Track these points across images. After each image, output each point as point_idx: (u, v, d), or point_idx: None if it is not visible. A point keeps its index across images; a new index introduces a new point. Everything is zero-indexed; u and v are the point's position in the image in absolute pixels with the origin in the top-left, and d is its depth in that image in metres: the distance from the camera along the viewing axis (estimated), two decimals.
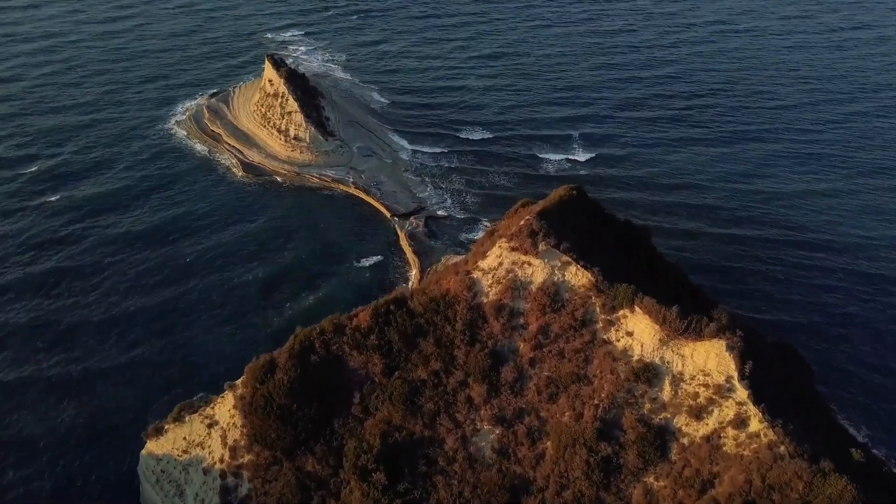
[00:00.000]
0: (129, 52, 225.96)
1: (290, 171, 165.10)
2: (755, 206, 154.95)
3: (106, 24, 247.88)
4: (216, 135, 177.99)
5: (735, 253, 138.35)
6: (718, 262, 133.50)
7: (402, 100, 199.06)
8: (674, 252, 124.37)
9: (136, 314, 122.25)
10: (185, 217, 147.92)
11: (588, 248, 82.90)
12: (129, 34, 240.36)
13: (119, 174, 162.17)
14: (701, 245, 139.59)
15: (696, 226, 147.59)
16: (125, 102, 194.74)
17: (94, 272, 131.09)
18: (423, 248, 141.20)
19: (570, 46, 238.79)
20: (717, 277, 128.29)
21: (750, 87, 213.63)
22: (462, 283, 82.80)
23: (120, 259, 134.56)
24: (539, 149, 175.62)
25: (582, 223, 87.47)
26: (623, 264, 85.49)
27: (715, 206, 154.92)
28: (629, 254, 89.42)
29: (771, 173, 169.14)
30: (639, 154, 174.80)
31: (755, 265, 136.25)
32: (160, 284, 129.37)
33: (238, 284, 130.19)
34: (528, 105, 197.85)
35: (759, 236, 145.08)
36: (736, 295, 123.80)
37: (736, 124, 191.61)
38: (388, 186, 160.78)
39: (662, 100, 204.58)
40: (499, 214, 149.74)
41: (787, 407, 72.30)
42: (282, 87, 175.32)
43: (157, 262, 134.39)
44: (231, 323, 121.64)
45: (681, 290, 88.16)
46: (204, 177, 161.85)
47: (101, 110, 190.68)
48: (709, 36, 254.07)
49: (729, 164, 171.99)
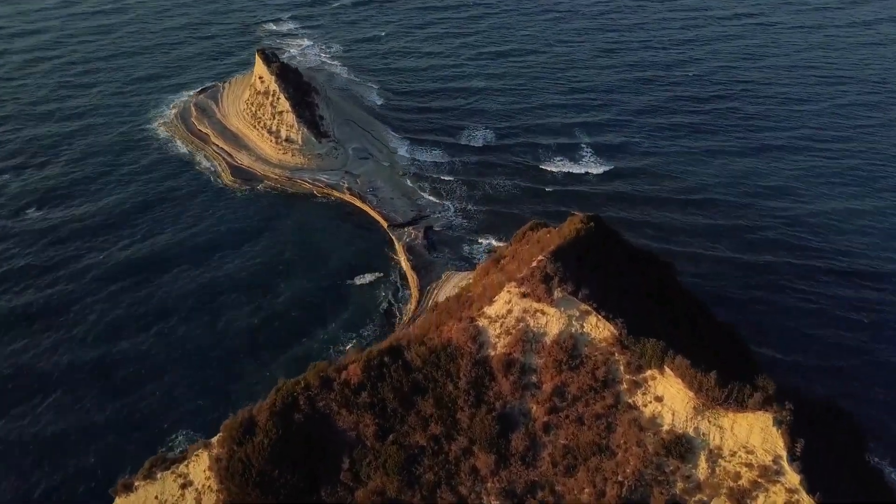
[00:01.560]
0: (114, 44, 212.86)
1: (281, 175, 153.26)
2: (782, 227, 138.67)
3: (91, 15, 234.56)
4: (204, 135, 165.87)
5: (762, 282, 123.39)
6: (741, 293, 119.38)
7: (402, 97, 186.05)
8: (693, 280, 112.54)
9: (107, 350, 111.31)
10: (165, 231, 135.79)
11: (610, 293, 71.79)
12: (114, 24, 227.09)
13: (96, 182, 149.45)
14: (722, 271, 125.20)
15: (716, 249, 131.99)
16: (106, 98, 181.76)
17: (62, 309, 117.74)
18: (422, 263, 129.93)
19: (584, 43, 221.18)
20: (740, 310, 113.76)
21: (775, 88, 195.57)
22: (466, 332, 71.79)
23: (92, 290, 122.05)
24: (547, 153, 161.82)
25: (602, 261, 76.18)
26: (649, 309, 74.37)
27: (738, 226, 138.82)
28: (655, 295, 78.23)
29: (800, 187, 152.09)
30: (654, 165, 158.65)
31: (782, 296, 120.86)
32: (135, 305, 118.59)
33: (221, 307, 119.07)
34: (535, 106, 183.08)
35: (787, 262, 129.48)
36: (761, 331, 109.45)
37: (760, 130, 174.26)
38: (384, 192, 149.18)
39: (679, 102, 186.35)
40: (503, 226, 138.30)
41: (845, 489, 61.81)
42: (273, 84, 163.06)
43: (135, 286, 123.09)
44: (212, 352, 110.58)
45: (716, 340, 77.05)
46: (189, 183, 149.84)
47: (80, 107, 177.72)
48: (733, 31, 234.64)
49: (754, 178, 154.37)
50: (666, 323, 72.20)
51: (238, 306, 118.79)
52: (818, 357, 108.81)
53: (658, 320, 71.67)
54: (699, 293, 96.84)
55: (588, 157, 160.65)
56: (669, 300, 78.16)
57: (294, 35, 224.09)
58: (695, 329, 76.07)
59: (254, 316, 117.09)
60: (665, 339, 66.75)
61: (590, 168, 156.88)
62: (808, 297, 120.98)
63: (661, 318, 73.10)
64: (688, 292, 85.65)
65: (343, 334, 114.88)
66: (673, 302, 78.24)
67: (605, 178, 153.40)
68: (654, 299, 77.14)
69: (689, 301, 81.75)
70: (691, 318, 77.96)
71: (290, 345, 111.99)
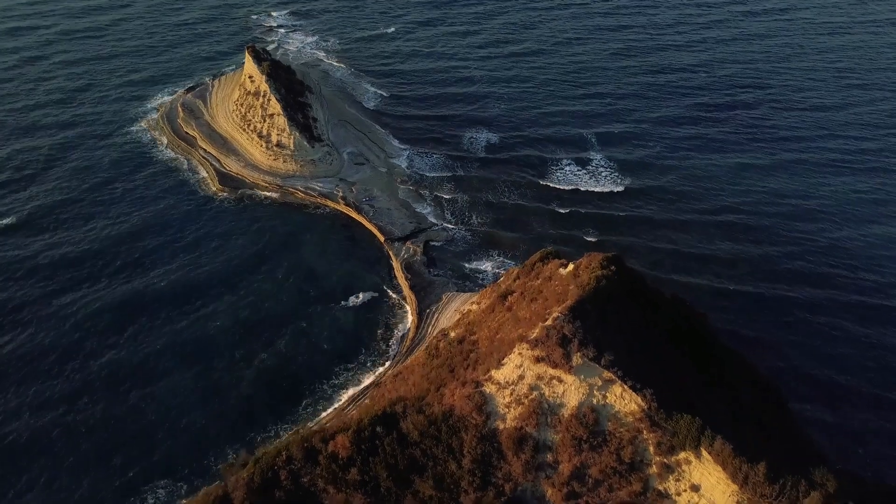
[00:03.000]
0: (98, 37, 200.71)
1: (271, 183, 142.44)
2: (819, 256, 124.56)
3: (75, 8, 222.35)
4: (190, 138, 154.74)
5: (800, 322, 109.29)
6: (778, 334, 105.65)
7: (400, 96, 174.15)
8: (723, 318, 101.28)
9: (83, 374, 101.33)
10: (146, 245, 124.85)
11: (636, 356, 61.77)
12: (99, 17, 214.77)
13: (71, 190, 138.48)
14: (755, 309, 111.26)
15: (746, 283, 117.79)
16: (89, 96, 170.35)
17: (31, 325, 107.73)
18: (421, 283, 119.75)
19: (598, 43, 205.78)
20: (778, 355, 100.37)
21: (806, 94, 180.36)
22: (470, 400, 61.88)
23: (66, 307, 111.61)
24: (556, 165, 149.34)
25: (626, 316, 65.92)
26: (682, 373, 64.25)
27: (770, 255, 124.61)
28: (688, 354, 67.98)
29: (833, 208, 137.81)
30: (674, 183, 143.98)
31: (825, 342, 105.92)
32: (111, 329, 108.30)
33: (205, 330, 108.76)
34: (545, 112, 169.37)
35: (828, 298, 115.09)
36: (803, 381, 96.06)
37: (789, 141, 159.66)
38: (381, 202, 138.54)
39: (701, 110, 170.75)
40: (508, 243, 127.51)
41: None
42: (263, 84, 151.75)
43: (112, 305, 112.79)
44: (196, 382, 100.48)
45: (760, 409, 66.90)
46: (174, 192, 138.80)
47: (60, 106, 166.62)
48: (759, 29, 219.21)
49: (784, 199, 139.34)
50: (702, 390, 62.13)
51: (222, 333, 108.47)
52: (874, 414, 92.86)
53: (693, 388, 61.65)
54: (732, 337, 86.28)
55: (601, 171, 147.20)
56: (705, 359, 67.98)
57: (289, 28, 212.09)
58: (736, 397, 66.01)
59: (239, 345, 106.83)
60: (702, 413, 56.85)
61: (604, 185, 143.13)
62: (855, 341, 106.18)
63: (697, 385, 63.04)
64: (726, 348, 74.95)
65: (336, 365, 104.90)
66: (709, 362, 68.07)
67: (621, 197, 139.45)
68: (688, 359, 66.93)
69: (727, 359, 71.40)
70: (731, 382, 67.69)
71: (278, 377, 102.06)
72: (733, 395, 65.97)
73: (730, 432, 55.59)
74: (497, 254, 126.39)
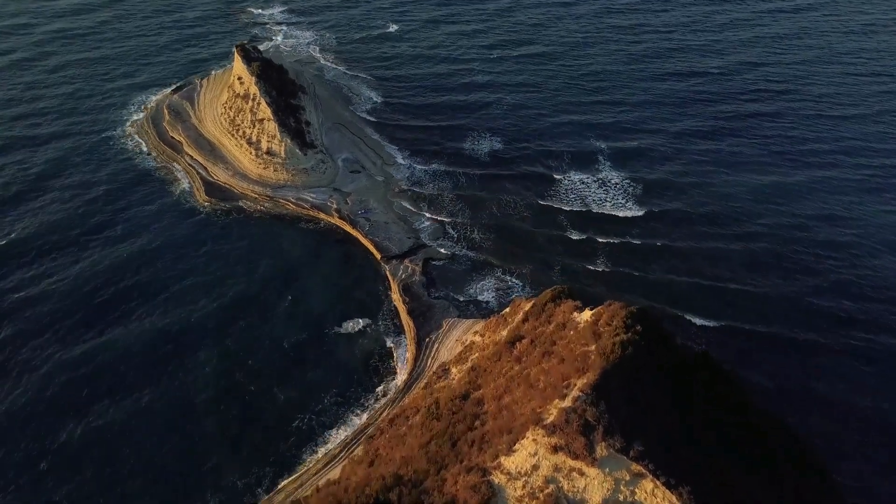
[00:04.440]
0: (84, 33, 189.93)
1: (261, 194, 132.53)
2: (851, 292, 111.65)
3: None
4: (176, 143, 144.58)
5: (836, 371, 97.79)
6: (803, 386, 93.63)
7: (400, 98, 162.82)
8: (741, 363, 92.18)
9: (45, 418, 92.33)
10: (123, 266, 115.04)
11: (669, 441, 52.64)
12: (84, 9, 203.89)
13: (47, 202, 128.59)
14: (779, 353, 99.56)
15: (786, 328, 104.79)
16: (70, 97, 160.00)
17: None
18: (420, 307, 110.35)
19: (610, 43, 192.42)
20: (828, 416, 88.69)
21: (827, 88, 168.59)
22: (476, 492, 52.66)
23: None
24: (562, 170, 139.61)
25: (655, 392, 56.54)
26: (721, 460, 54.98)
27: (794, 292, 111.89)
28: (726, 434, 58.63)
29: (862, 221, 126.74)
30: (697, 205, 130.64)
31: (861, 398, 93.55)
32: (81, 360, 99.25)
33: (185, 362, 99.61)
34: (553, 114, 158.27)
35: (857, 342, 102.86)
36: (837, 444, 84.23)
37: (816, 143, 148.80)
38: (378, 215, 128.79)
39: (723, 120, 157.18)
40: (513, 263, 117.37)
41: None
42: (253, 86, 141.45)
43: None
44: (174, 432, 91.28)
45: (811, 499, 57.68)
46: (157, 204, 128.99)
47: (37, 106, 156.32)
48: (777, 27, 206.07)
49: (827, 224, 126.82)
50: (746, 482, 52.94)
51: (204, 364, 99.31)
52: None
53: (736, 479, 52.39)
54: (765, 393, 76.55)
55: (613, 188, 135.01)
56: (749, 441, 58.69)
57: (284, 23, 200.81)
58: (781, 486, 56.85)
59: (223, 378, 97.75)
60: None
61: (617, 205, 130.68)
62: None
63: (739, 475, 53.79)
64: (768, 417, 65.26)
65: (328, 398, 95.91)
66: (753, 443, 58.84)
67: (635, 221, 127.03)
68: (729, 442, 57.65)
69: (772, 435, 62.05)
70: (777, 469, 58.27)
71: (264, 412, 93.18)
72: (781, 485, 56.82)
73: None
74: (501, 273, 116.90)
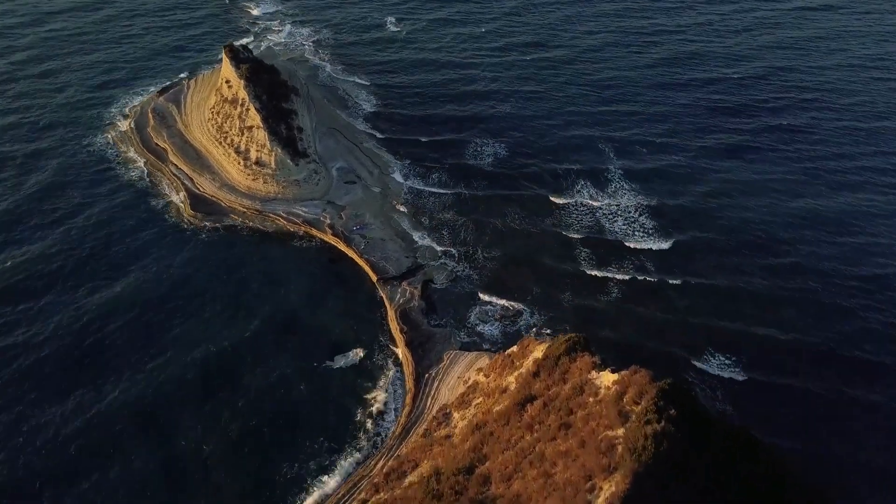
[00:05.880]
0: (64, 30, 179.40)
1: (250, 207, 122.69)
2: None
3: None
4: (161, 151, 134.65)
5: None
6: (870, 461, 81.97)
7: (399, 100, 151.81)
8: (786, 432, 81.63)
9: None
10: (93, 291, 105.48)
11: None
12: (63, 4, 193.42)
13: (20, 221, 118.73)
14: (837, 419, 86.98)
15: (824, 378, 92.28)
16: (49, 99, 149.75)
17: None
18: (419, 336, 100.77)
19: (627, 47, 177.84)
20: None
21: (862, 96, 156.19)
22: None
23: None
24: (572, 184, 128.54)
25: (695, 494, 46.92)
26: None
27: (853, 332, 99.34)
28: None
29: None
30: (730, 234, 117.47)
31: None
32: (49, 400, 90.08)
33: (163, 391, 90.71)
34: (565, 128, 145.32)
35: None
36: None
37: (851, 159, 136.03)
38: (374, 231, 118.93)
39: (761, 136, 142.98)
40: (519, 288, 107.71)
41: None
42: (241, 91, 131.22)
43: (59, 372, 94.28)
44: (150, 461, 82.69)
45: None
46: (137, 220, 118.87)
47: (13, 109, 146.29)
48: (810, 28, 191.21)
49: (872, 261, 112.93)
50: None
51: (184, 404, 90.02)
52: None
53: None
54: (806, 465, 66.51)
55: (628, 214, 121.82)
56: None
57: (278, 17, 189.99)
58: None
59: (203, 421, 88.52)
60: None
61: (633, 234, 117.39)
62: None
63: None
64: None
65: (316, 443, 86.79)
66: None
67: (653, 253, 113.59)
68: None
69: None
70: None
71: (247, 455, 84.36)
72: None
73: None
74: (507, 298, 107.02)
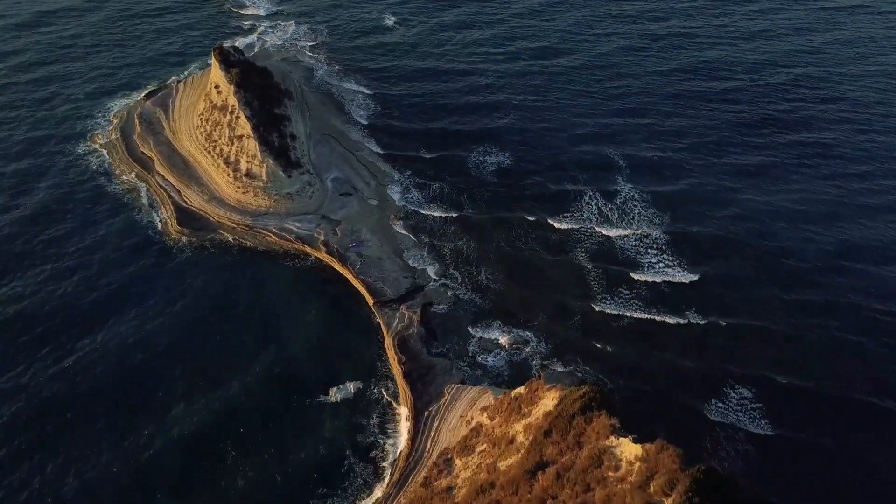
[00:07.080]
0: (46, 27, 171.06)
1: (240, 223, 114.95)
2: None
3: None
4: (147, 160, 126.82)
5: None
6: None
7: (398, 104, 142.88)
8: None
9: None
10: (73, 316, 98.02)
11: None
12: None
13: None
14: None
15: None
16: (28, 103, 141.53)
17: None
18: (418, 367, 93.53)
19: (644, 52, 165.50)
20: None
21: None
22: None
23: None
24: (582, 201, 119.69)
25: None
26: None
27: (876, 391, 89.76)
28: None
29: None
30: (741, 256, 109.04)
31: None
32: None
33: (140, 441, 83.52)
34: (570, 132, 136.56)
35: None
36: None
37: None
38: (371, 248, 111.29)
39: (795, 151, 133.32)
40: (526, 316, 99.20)
41: None
42: (231, 97, 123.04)
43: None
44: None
45: None
46: (120, 237, 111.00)
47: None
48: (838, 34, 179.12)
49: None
50: None
51: (166, 450, 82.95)
52: None
53: None
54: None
55: (649, 245, 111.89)
56: None
57: (272, 14, 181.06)
58: None
59: (189, 466, 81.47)
60: None
61: (656, 272, 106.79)
62: None
63: None
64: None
65: (307, 487, 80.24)
66: None
67: (674, 287, 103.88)
68: None
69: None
70: None
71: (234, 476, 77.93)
72: None
73: None
74: (512, 324, 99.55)
